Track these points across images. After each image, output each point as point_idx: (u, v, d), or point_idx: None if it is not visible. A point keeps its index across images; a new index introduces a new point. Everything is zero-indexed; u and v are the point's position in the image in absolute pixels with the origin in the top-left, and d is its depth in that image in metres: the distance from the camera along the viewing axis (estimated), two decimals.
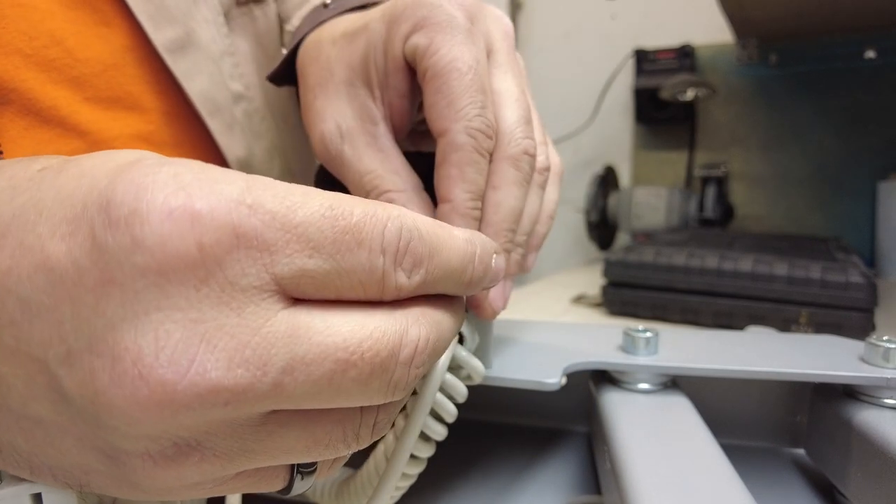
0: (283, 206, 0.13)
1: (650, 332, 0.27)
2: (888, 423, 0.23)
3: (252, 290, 0.13)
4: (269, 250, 0.13)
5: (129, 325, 0.12)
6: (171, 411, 0.12)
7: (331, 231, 0.13)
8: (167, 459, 0.13)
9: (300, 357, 0.13)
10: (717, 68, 1.00)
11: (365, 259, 0.14)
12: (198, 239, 0.12)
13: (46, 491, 0.16)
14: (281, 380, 0.13)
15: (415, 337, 0.15)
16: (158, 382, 0.12)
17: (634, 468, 0.20)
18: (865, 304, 0.51)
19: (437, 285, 0.16)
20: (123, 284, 0.12)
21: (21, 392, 0.13)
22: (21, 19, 0.27)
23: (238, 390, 0.12)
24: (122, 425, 0.12)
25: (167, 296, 0.12)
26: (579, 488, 0.30)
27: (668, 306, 0.59)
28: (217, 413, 0.13)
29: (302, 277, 0.13)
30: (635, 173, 1.10)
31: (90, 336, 0.12)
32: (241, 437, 0.14)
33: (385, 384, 0.15)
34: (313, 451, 0.15)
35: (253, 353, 0.12)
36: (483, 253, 0.18)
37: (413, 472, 0.23)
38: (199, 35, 0.34)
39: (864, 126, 0.92)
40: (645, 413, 0.25)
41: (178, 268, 0.12)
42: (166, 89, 0.33)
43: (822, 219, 0.96)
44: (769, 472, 0.30)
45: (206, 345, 0.12)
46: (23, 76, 0.27)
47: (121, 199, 0.12)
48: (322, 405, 0.14)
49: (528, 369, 0.26)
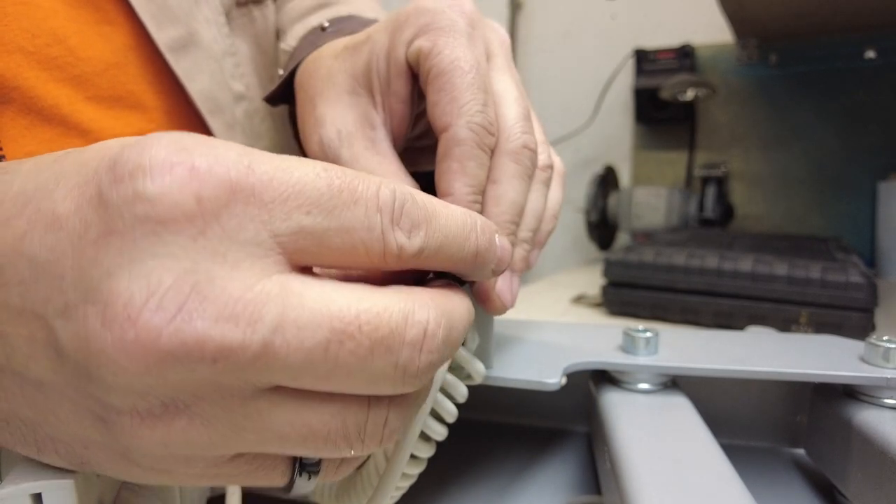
0: (279, 167, 0.13)
1: (650, 332, 0.27)
2: (888, 423, 0.23)
3: (249, 245, 0.13)
4: (267, 207, 0.13)
5: (125, 271, 0.12)
6: (156, 359, 0.12)
7: (327, 188, 0.14)
8: (154, 418, 0.13)
9: (292, 319, 0.13)
10: (717, 68, 1.00)
11: (362, 215, 0.14)
12: (196, 192, 0.12)
13: (46, 490, 0.16)
14: (271, 340, 0.12)
15: (422, 319, 0.14)
16: (144, 327, 0.12)
17: (634, 468, 0.20)
18: (865, 304, 0.51)
19: (441, 253, 0.16)
20: (123, 233, 0.12)
21: (24, 352, 0.13)
22: (23, 17, 0.27)
23: (224, 345, 0.12)
24: (109, 375, 0.12)
25: (164, 243, 0.12)
26: (579, 488, 0.30)
27: (668, 306, 0.59)
28: (205, 371, 0.12)
29: (300, 234, 0.13)
30: (635, 173, 1.10)
31: (87, 287, 0.12)
32: (230, 409, 0.13)
33: (392, 366, 0.14)
34: (310, 443, 0.14)
35: (243, 309, 0.12)
36: (484, 224, 0.17)
37: (413, 472, 0.23)
38: (200, 35, 0.34)
39: (864, 126, 0.92)
40: (645, 413, 0.25)
41: (176, 217, 0.12)
42: (168, 88, 0.33)
43: (822, 219, 0.96)
44: (769, 472, 0.30)
45: (195, 294, 0.12)
46: (25, 75, 0.27)
47: (126, 157, 0.13)
48: (321, 382, 0.14)
49: (529, 369, 0.26)
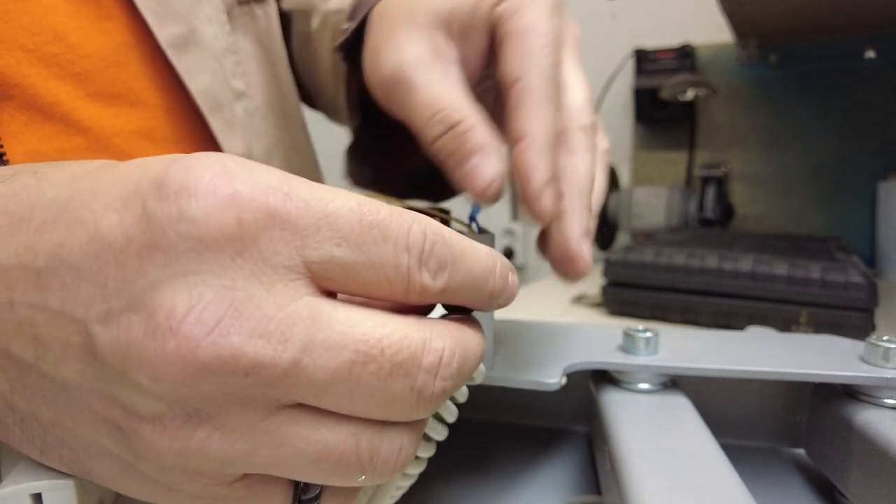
0: (315, 197, 0.14)
1: (650, 332, 0.27)
2: (888, 423, 0.23)
3: (282, 268, 0.14)
4: (301, 234, 0.14)
5: (167, 284, 0.13)
6: (192, 369, 0.13)
7: (358, 224, 0.14)
8: (176, 429, 0.13)
9: (320, 341, 0.13)
10: (717, 68, 1.00)
11: (390, 254, 0.14)
12: (237, 215, 0.13)
13: (46, 490, 0.16)
14: (300, 359, 0.13)
15: (439, 347, 0.15)
16: (185, 337, 0.12)
17: (634, 468, 0.20)
18: (865, 304, 0.51)
19: (460, 293, 0.16)
20: (167, 249, 0.13)
21: (56, 353, 0.14)
22: (24, 14, 0.27)
23: (257, 360, 0.13)
24: (145, 380, 0.13)
25: (204, 261, 0.13)
26: (579, 488, 0.30)
27: (668, 306, 0.59)
28: (235, 384, 0.13)
29: (330, 264, 0.14)
30: (635, 173, 1.09)
31: (130, 296, 0.13)
32: (252, 422, 0.14)
33: (409, 389, 0.14)
34: (323, 463, 0.15)
35: (276, 328, 0.13)
36: (503, 267, 0.18)
37: (413, 471, 0.23)
38: (201, 32, 0.34)
39: (864, 126, 0.92)
40: (645, 413, 0.25)
41: (217, 238, 0.13)
42: (168, 86, 0.33)
43: (822, 219, 0.96)
44: (769, 472, 0.30)
45: (233, 310, 0.13)
46: (25, 72, 0.27)
47: (172, 177, 0.13)
48: (342, 401, 0.14)
49: (529, 369, 0.26)
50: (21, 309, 0.14)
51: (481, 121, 0.24)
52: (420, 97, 0.25)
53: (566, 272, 0.24)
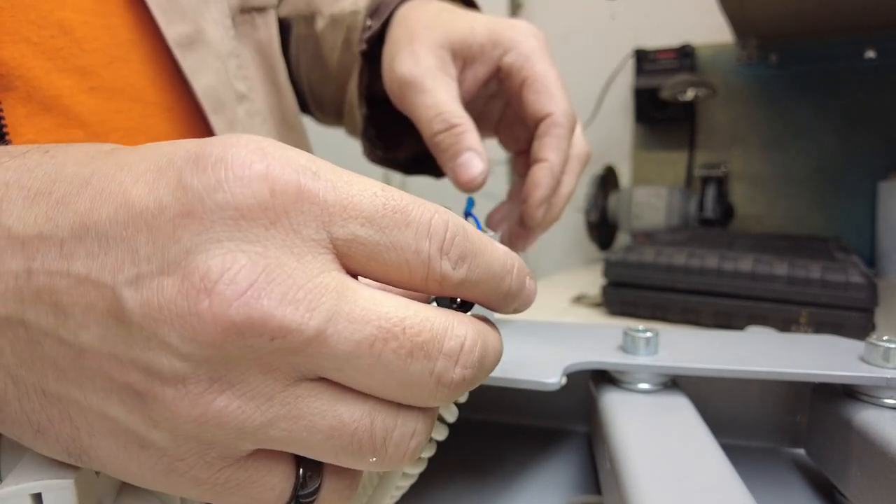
0: (342, 179, 0.15)
1: (650, 332, 0.27)
2: (888, 423, 0.23)
3: (311, 241, 0.14)
4: (329, 211, 0.14)
5: (202, 249, 0.13)
6: (223, 328, 0.13)
7: (382, 207, 0.15)
8: (198, 394, 0.14)
9: (345, 313, 0.14)
10: (717, 68, 1.00)
11: (412, 239, 0.15)
12: (271, 187, 0.14)
13: (46, 490, 0.16)
14: (324, 328, 0.14)
15: (461, 334, 0.15)
16: (218, 297, 0.13)
17: (634, 468, 0.20)
18: (865, 304, 0.51)
19: (477, 287, 0.17)
20: (202, 217, 0.13)
21: (78, 320, 0.14)
22: (30, 9, 0.28)
23: (284, 325, 0.13)
24: (175, 339, 0.13)
25: (239, 229, 0.14)
26: (579, 488, 0.30)
27: (668, 306, 0.59)
28: (261, 347, 0.13)
29: (354, 243, 0.15)
30: (635, 173, 1.09)
31: (163, 260, 0.13)
32: (272, 392, 0.14)
33: (428, 373, 0.15)
34: (336, 440, 0.15)
35: (304, 296, 0.13)
36: (520, 268, 0.18)
37: (413, 471, 0.23)
38: (207, 33, 0.35)
39: (864, 126, 0.92)
40: (645, 413, 0.25)
41: (252, 207, 0.14)
42: (169, 85, 0.34)
43: (822, 219, 0.96)
44: (769, 472, 0.30)
45: (265, 276, 0.13)
46: (29, 64, 0.28)
47: (209, 151, 0.14)
48: (361, 377, 0.14)
49: (529, 369, 0.26)
50: (41, 277, 0.14)
51: (473, 128, 0.33)
52: (428, 99, 0.32)
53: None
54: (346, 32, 0.41)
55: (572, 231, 1.16)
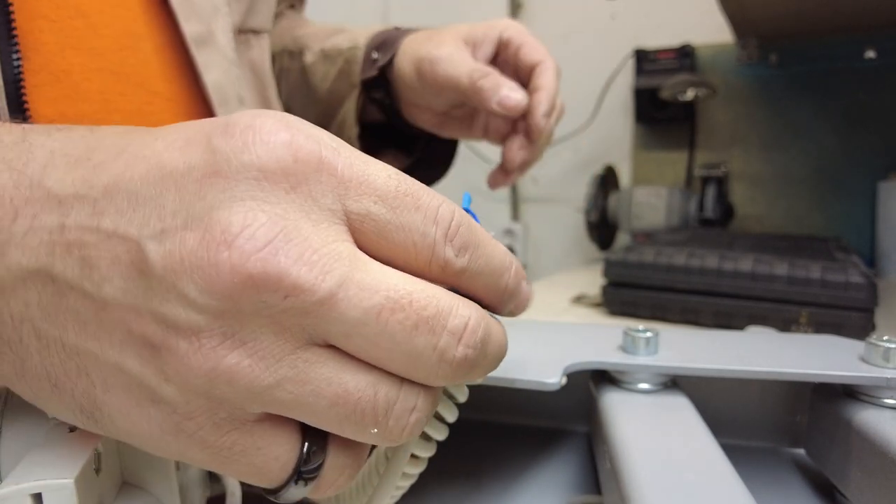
0: (360, 159, 0.16)
1: (650, 332, 0.27)
2: (888, 423, 0.23)
3: (328, 210, 0.15)
4: (346, 185, 0.15)
5: (226, 206, 0.14)
6: (240, 281, 0.14)
7: (395, 189, 0.16)
8: (210, 349, 0.14)
9: (356, 280, 0.14)
10: (717, 68, 1.00)
11: (420, 222, 0.16)
12: (294, 154, 0.15)
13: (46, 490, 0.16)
14: (336, 292, 0.14)
15: (465, 314, 0.16)
16: (237, 250, 0.14)
17: (634, 468, 0.20)
18: (865, 304, 0.51)
19: (478, 279, 0.17)
20: (227, 176, 0.14)
21: (102, 273, 0.15)
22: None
23: (298, 283, 0.14)
24: (193, 289, 0.14)
25: (262, 189, 0.14)
26: (579, 488, 0.30)
27: (668, 306, 0.59)
28: (275, 304, 0.14)
29: (367, 218, 0.15)
30: (635, 173, 1.09)
31: (187, 215, 0.14)
32: (282, 353, 0.15)
33: (431, 347, 0.15)
34: (340, 407, 0.15)
35: (319, 259, 0.14)
36: (518, 269, 0.19)
37: (413, 471, 0.23)
38: (217, 37, 0.38)
39: (864, 126, 0.92)
40: (645, 413, 0.25)
41: (275, 170, 0.14)
42: (176, 77, 0.36)
43: (822, 219, 0.96)
44: (769, 472, 0.30)
45: (283, 235, 0.14)
46: (45, 39, 0.29)
47: (238, 119, 0.15)
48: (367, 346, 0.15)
49: (529, 369, 0.26)
50: (72, 232, 0.15)
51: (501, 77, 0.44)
52: (460, 64, 0.43)
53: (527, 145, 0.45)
54: (343, 64, 0.49)
55: (572, 231, 1.16)
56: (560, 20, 1.16)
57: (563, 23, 1.15)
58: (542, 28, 1.18)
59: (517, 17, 1.18)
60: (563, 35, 1.15)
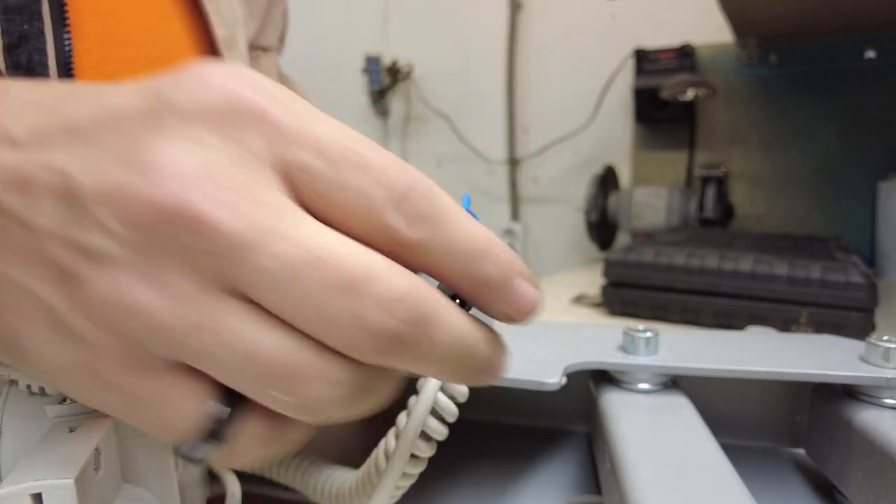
0: (311, 115, 0.15)
1: (650, 332, 0.27)
2: (888, 423, 0.23)
3: (259, 160, 0.15)
4: (285, 137, 0.15)
5: (157, 144, 0.14)
6: (157, 213, 0.14)
7: (337, 144, 0.15)
8: (116, 279, 0.14)
9: (279, 231, 0.14)
10: (717, 68, 1.00)
11: (364, 183, 0.15)
12: (228, 99, 0.15)
13: (46, 490, 0.16)
14: (254, 239, 0.14)
15: (396, 284, 0.14)
16: (158, 184, 0.14)
17: (634, 468, 0.20)
18: (865, 304, 0.51)
19: (441, 260, 0.15)
20: (164, 117, 0.15)
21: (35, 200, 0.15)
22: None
23: (216, 224, 0.14)
24: (110, 218, 0.14)
25: (190, 128, 0.14)
26: (579, 488, 0.30)
27: (668, 306, 0.59)
28: (189, 241, 0.14)
29: (304, 172, 0.15)
30: (635, 173, 1.10)
31: (119, 150, 0.14)
32: (196, 297, 0.14)
33: (348, 313, 0.14)
34: (251, 368, 0.14)
35: (242, 204, 0.14)
36: (511, 261, 0.16)
37: (413, 471, 0.23)
38: (240, 44, 0.41)
39: (864, 126, 0.92)
40: (645, 413, 0.25)
41: (209, 114, 0.15)
42: None
43: (822, 219, 0.96)
44: (769, 472, 0.30)
45: (209, 176, 0.14)
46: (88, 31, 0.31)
47: (188, 66, 0.15)
48: (284, 303, 0.14)
49: (528, 369, 0.26)
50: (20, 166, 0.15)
51: None
52: None
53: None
54: None
55: (572, 231, 1.16)
56: (560, 20, 1.16)
57: (563, 23, 1.15)
58: (542, 28, 1.18)
59: (517, 17, 1.18)
60: (563, 35, 1.16)
